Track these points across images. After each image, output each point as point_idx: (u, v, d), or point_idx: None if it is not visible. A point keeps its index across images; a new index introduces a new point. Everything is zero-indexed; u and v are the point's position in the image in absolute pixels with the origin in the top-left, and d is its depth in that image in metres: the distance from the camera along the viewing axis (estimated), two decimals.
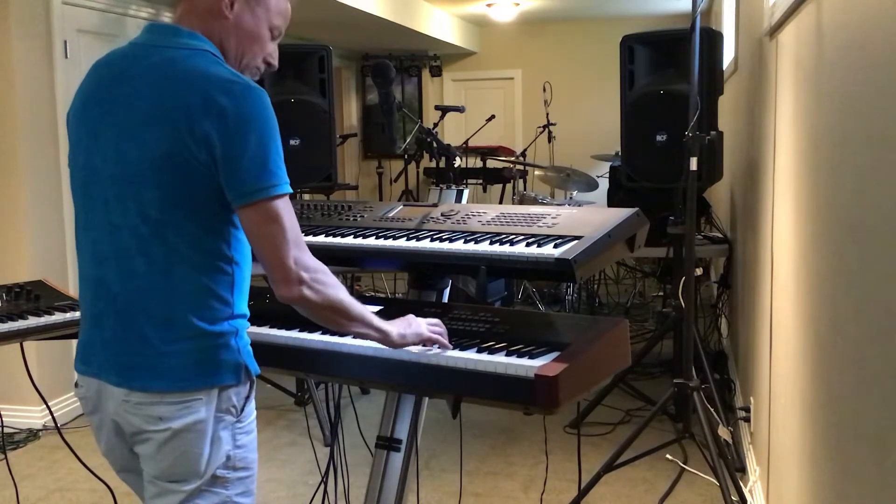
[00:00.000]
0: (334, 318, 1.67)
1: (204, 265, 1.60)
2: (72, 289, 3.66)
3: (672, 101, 3.69)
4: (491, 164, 8.27)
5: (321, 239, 2.18)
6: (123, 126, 1.60)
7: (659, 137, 3.78)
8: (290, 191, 1.61)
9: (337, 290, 1.65)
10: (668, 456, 3.65)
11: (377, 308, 2.02)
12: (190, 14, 1.66)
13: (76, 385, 1.75)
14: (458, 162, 2.52)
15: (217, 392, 1.61)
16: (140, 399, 1.60)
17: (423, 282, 2.24)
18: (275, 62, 1.79)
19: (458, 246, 1.98)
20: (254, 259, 1.72)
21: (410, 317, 1.81)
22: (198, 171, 1.55)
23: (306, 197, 5.39)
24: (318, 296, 1.61)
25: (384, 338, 1.75)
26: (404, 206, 2.35)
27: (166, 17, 5.38)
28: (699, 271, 3.65)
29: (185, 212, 1.58)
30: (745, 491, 3.15)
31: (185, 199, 1.57)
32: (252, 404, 1.70)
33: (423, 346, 1.80)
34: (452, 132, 9.41)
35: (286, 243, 1.57)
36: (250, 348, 1.68)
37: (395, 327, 1.77)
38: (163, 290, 1.59)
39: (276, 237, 1.57)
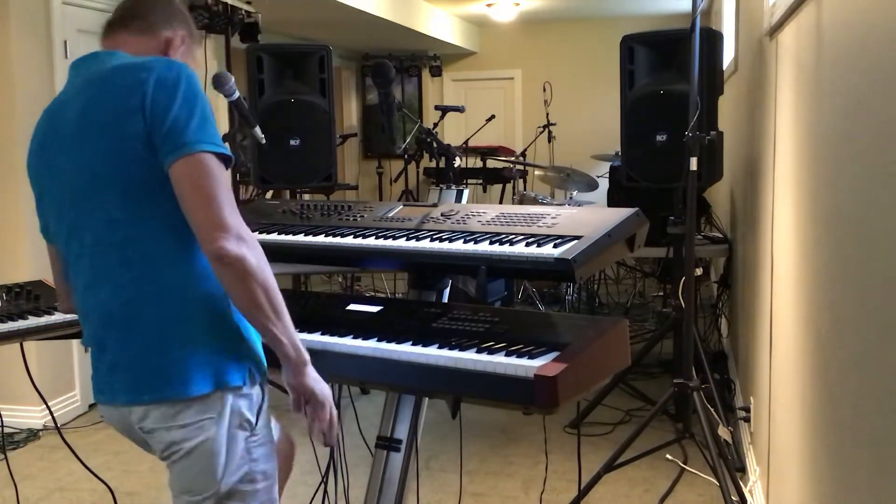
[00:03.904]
0: (260, 302, 1.52)
1: (185, 259, 1.58)
2: None
3: (672, 101, 3.69)
4: (491, 164, 8.26)
5: (321, 239, 2.17)
6: (67, 150, 1.64)
7: (659, 137, 3.78)
8: (226, 152, 1.57)
9: (272, 277, 1.55)
10: (668, 456, 3.65)
11: (377, 308, 2.02)
12: (126, 46, 1.72)
13: (101, 414, 1.76)
14: (458, 162, 2.52)
15: (227, 397, 1.60)
16: (154, 423, 1.60)
17: (423, 282, 2.24)
18: None
19: (458, 246, 1.98)
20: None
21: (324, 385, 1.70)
22: (141, 153, 1.54)
23: (306, 197, 5.40)
24: (256, 261, 1.51)
25: (297, 360, 1.60)
26: (404, 206, 2.35)
27: None
28: (699, 271, 3.65)
29: (147, 200, 1.57)
30: (745, 491, 3.15)
31: (141, 187, 1.56)
32: (265, 415, 1.69)
33: (311, 411, 1.67)
34: (452, 132, 9.40)
35: (224, 201, 1.51)
36: (259, 346, 1.67)
37: (311, 367, 1.64)
38: (152, 294, 1.59)
39: (214, 191, 1.51)
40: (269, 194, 5.33)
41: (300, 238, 2.20)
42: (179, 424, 1.58)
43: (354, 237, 2.16)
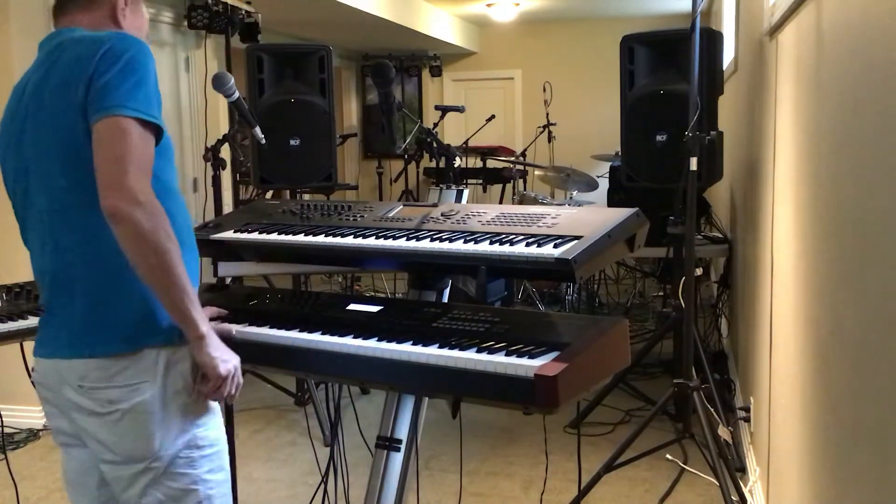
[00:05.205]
0: (150, 265, 1.54)
1: None
2: None
3: (672, 101, 3.69)
4: (491, 164, 8.27)
5: (321, 239, 2.17)
6: (26, 120, 1.70)
7: (659, 137, 3.78)
8: (154, 120, 1.58)
9: (173, 243, 1.56)
10: (668, 456, 3.65)
11: (377, 308, 2.02)
12: (79, 22, 1.74)
13: (32, 369, 1.79)
14: (458, 162, 2.52)
15: (162, 356, 1.65)
16: (94, 382, 1.64)
17: (422, 282, 2.24)
18: None
19: (458, 246, 1.98)
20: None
21: (230, 352, 1.72)
22: (81, 122, 1.58)
23: (306, 197, 5.39)
24: (150, 224, 1.51)
25: (196, 336, 1.63)
26: (404, 206, 2.35)
27: (166, 18, 5.37)
28: (699, 271, 3.65)
29: (87, 169, 1.58)
30: (745, 491, 3.15)
31: (81, 156, 1.59)
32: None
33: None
34: (452, 132, 9.41)
35: (131, 164, 1.53)
36: None
37: (214, 339, 1.66)
38: (91, 257, 1.65)
39: (123, 153, 1.53)
40: (269, 194, 5.33)
41: (300, 238, 2.20)
42: (117, 385, 1.63)
43: (354, 237, 2.15)
